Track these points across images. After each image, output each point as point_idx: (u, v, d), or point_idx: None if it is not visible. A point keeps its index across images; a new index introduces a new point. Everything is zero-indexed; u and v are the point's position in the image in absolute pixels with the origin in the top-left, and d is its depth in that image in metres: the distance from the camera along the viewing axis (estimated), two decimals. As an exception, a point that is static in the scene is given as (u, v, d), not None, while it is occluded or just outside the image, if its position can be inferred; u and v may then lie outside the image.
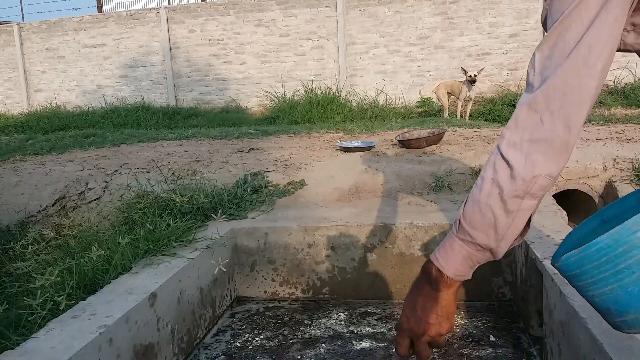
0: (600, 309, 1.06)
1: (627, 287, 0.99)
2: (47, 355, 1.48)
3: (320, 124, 6.21)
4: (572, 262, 1.01)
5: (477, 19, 9.82)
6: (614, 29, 0.80)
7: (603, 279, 1.00)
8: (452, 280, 0.91)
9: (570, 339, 1.69)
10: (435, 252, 0.94)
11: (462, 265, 0.91)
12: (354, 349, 2.25)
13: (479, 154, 3.60)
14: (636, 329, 1.02)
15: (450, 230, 0.93)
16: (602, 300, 1.02)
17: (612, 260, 0.98)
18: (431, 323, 0.93)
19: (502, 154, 0.85)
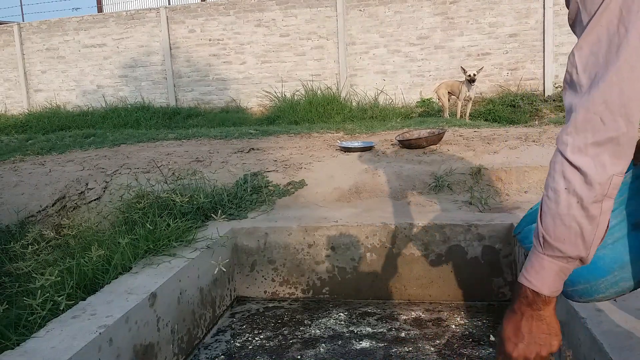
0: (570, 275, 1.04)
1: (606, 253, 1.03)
2: (47, 355, 1.48)
3: (320, 124, 6.21)
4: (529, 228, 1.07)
5: (477, 19, 9.82)
6: None
7: None
8: (549, 298, 0.90)
9: (570, 339, 1.69)
10: (524, 275, 0.92)
11: (556, 280, 0.90)
12: (354, 349, 2.25)
13: (479, 154, 3.60)
14: (585, 297, 1.10)
15: (533, 250, 0.92)
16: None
17: None
18: (541, 344, 0.91)
19: (570, 162, 0.83)
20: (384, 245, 2.72)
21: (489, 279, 2.64)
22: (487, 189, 3.18)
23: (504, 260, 2.62)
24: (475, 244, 2.63)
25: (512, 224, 2.59)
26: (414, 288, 2.72)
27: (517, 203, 2.98)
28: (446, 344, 2.26)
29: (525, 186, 3.20)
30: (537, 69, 9.74)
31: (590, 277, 1.07)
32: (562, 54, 9.64)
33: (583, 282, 1.08)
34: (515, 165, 3.32)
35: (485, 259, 2.63)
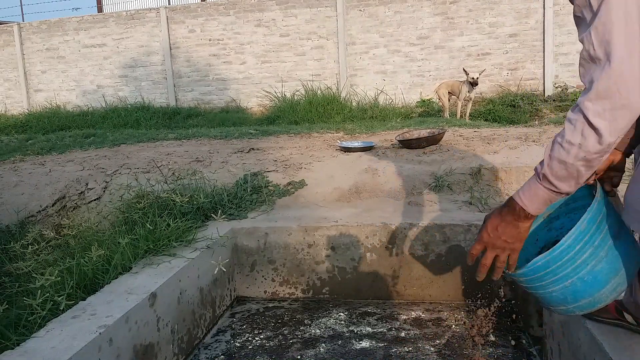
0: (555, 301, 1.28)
1: (583, 278, 1.21)
2: (47, 355, 1.48)
3: (320, 124, 6.21)
4: (538, 266, 1.23)
5: (477, 19, 9.82)
6: None
7: (565, 275, 1.22)
8: (532, 215, 1.17)
9: (570, 339, 1.69)
10: (519, 195, 1.18)
11: (542, 206, 1.15)
12: (354, 349, 2.25)
13: (479, 154, 3.60)
14: (588, 309, 1.26)
15: (533, 177, 1.16)
16: (561, 293, 1.25)
17: (572, 258, 1.20)
18: (508, 241, 1.21)
19: (591, 122, 1.01)
20: (384, 245, 2.72)
21: (489, 279, 2.64)
22: (487, 189, 3.18)
23: (504, 260, 2.62)
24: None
25: (512, 224, 2.59)
26: (414, 288, 2.72)
27: (517, 203, 2.97)
28: (446, 344, 2.26)
29: (525, 186, 3.20)
30: (537, 69, 9.74)
31: (594, 290, 1.22)
32: (562, 54, 9.64)
33: (587, 297, 1.23)
34: (515, 165, 3.32)
35: (485, 259, 2.63)
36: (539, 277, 1.25)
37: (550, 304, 1.32)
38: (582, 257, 1.21)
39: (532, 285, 1.29)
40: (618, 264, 1.22)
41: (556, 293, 1.26)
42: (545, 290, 1.27)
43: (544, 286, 1.26)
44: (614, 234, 1.22)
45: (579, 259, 1.21)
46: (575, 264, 1.21)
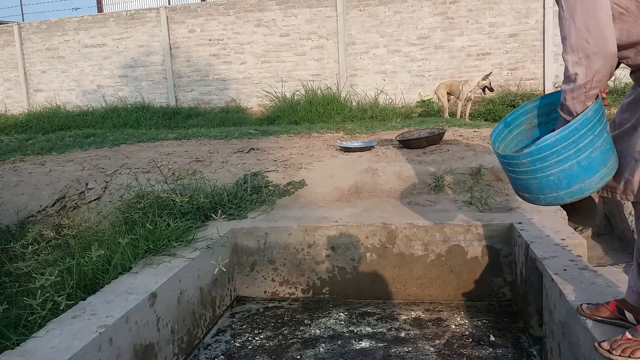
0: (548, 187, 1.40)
1: (581, 162, 1.35)
2: (47, 355, 1.48)
3: (320, 124, 6.20)
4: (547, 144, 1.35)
5: (477, 19, 9.81)
6: None
7: (567, 156, 1.35)
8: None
9: (570, 339, 1.69)
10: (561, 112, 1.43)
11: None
12: (354, 349, 2.25)
13: (479, 154, 3.60)
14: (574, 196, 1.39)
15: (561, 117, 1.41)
16: (557, 177, 1.38)
17: (576, 140, 1.34)
18: None
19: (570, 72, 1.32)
20: (384, 245, 2.71)
21: (489, 279, 2.64)
22: (487, 189, 3.18)
23: (504, 260, 2.62)
24: (475, 244, 2.63)
25: (512, 224, 2.59)
26: (414, 288, 2.72)
27: (517, 203, 2.97)
28: (446, 344, 2.26)
29: (525, 186, 3.20)
30: (537, 69, 9.74)
31: (586, 176, 1.36)
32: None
33: (579, 182, 1.37)
34: (515, 165, 3.31)
35: (485, 259, 2.63)
36: (543, 158, 1.37)
37: (542, 190, 1.42)
38: (584, 141, 1.34)
39: (532, 169, 1.40)
40: (608, 156, 1.37)
41: (553, 177, 1.38)
42: (544, 173, 1.39)
43: (545, 168, 1.38)
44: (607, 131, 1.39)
45: (581, 143, 1.34)
46: (578, 147, 1.34)
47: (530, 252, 2.25)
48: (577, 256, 2.10)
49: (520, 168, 1.42)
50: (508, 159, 1.45)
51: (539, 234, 2.39)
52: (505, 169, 1.52)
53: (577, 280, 1.85)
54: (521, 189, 1.49)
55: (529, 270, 2.27)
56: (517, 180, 1.48)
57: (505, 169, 1.51)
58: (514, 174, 1.47)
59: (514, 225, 2.56)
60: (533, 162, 1.38)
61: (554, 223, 2.55)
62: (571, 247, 2.21)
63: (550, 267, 1.98)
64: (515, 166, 1.44)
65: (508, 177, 1.55)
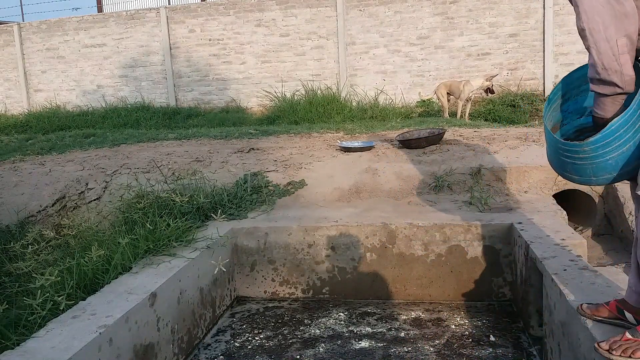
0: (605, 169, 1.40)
1: (637, 142, 1.35)
2: (47, 355, 1.48)
3: (320, 124, 6.20)
4: (611, 131, 1.35)
5: (477, 19, 9.81)
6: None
7: (627, 139, 1.36)
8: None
9: (570, 339, 1.69)
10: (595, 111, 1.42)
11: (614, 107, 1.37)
12: (353, 349, 2.25)
13: (479, 154, 3.60)
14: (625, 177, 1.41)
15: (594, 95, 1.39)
16: (615, 160, 1.39)
17: (634, 122, 1.34)
18: None
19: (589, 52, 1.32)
20: (384, 245, 2.72)
21: (489, 279, 2.64)
22: (487, 189, 3.18)
23: (504, 260, 2.62)
24: (475, 244, 2.63)
25: (512, 224, 2.59)
26: (414, 288, 2.72)
27: (517, 203, 2.97)
28: (446, 344, 2.26)
29: (525, 186, 3.20)
30: (537, 69, 9.74)
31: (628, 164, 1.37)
32: (562, 54, 9.64)
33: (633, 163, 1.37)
34: (515, 165, 3.32)
35: (485, 259, 2.63)
36: (607, 144, 1.37)
37: (595, 174, 1.43)
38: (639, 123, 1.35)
39: (593, 155, 1.40)
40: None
41: (611, 161, 1.40)
42: (604, 158, 1.39)
43: (606, 153, 1.39)
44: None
45: (638, 124, 1.35)
46: (636, 127, 1.35)
47: (530, 252, 2.25)
48: (577, 256, 2.10)
49: (580, 155, 1.43)
50: (569, 147, 1.44)
51: (539, 234, 2.39)
52: (559, 154, 1.50)
53: (577, 280, 1.85)
54: (572, 172, 1.49)
55: (529, 270, 2.27)
56: (571, 165, 1.48)
57: (558, 154, 1.50)
58: (571, 159, 1.46)
59: (514, 225, 2.56)
60: (595, 149, 1.39)
61: (554, 223, 2.55)
62: (571, 247, 2.21)
63: (550, 267, 1.98)
64: (575, 153, 1.44)
65: (557, 161, 1.54)
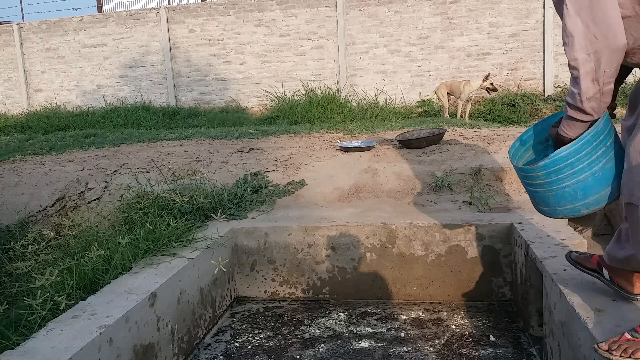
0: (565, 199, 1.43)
1: (595, 173, 1.38)
2: (47, 355, 1.48)
3: (320, 124, 6.20)
4: (560, 157, 1.38)
5: (477, 19, 9.81)
6: None
7: (581, 168, 1.37)
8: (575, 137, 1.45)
9: (570, 339, 1.69)
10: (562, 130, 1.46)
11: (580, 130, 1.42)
12: (353, 349, 2.25)
13: (479, 154, 3.60)
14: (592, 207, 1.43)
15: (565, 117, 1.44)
16: (573, 189, 1.41)
17: (589, 152, 1.36)
18: None
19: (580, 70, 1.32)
20: (384, 245, 2.72)
21: (489, 279, 2.64)
22: (487, 189, 3.18)
23: (504, 260, 2.62)
24: (475, 244, 2.63)
25: (512, 224, 2.59)
26: (414, 288, 2.72)
27: (517, 203, 2.97)
28: (446, 344, 2.26)
29: (525, 186, 3.20)
30: (537, 69, 9.74)
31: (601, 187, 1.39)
32: (562, 53, 9.63)
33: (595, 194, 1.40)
34: (515, 165, 3.31)
35: (485, 259, 2.63)
36: (558, 170, 1.41)
37: (559, 203, 1.46)
38: (596, 153, 1.38)
39: (547, 181, 1.44)
40: (620, 168, 1.38)
41: (568, 189, 1.42)
42: (559, 185, 1.43)
43: (560, 180, 1.42)
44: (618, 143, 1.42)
45: (594, 154, 1.38)
46: (591, 158, 1.38)
47: (530, 252, 2.25)
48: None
49: (536, 181, 1.47)
50: (525, 172, 1.49)
51: (539, 234, 2.39)
52: (523, 182, 1.55)
53: (577, 280, 1.85)
54: (539, 203, 1.53)
55: (529, 270, 2.27)
56: (535, 194, 1.53)
57: (523, 183, 1.55)
58: (532, 187, 1.51)
59: (514, 225, 2.56)
60: (548, 175, 1.42)
61: (554, 223, 2.55)
62: (571, 247, 2.21)
63: (550, 267, 1.98)
64: (532, 179, 1.48)
65: (527, 192, 1.58)
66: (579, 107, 1.37)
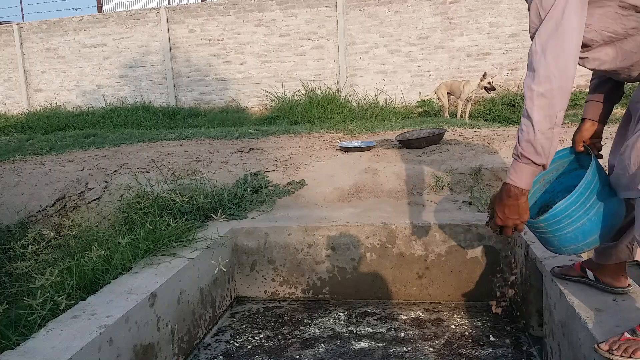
0: (568, 241, 1.59)
1: (591, 218, 1.54)
2: (47, 355, 1.48)
3: (320, 124, 6.20)
4: (559, 210, 1.53)
5: (477, 19, 9.82)
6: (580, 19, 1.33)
7: (578, 217, 1.54)
8: (525, 190, 1.46)
9: (570, 339, 1.69)
10: (509, 177, 1.47)
11: (529, 178, 1.44)
12: (353, 349, 2.25)
13: (479, 154, 3.60)
14: (592, 246, 1.59)
15: (514, 162, 1.45)
16: (574, 233, 1.56)
17: (584, 201, 1.52)
18: (515, 218, 1.50)
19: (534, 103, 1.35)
20: (384, 245, 2.72)
21: (489, 279, 2.64)
22: (487, 189, 3.18)
23: (504, 260, 2.62)
24: (475, 244, 2.63)
25: (512, 224, 2.59)
26: (414, 288, 2.72)
27: (517, 203, 2.97)
28: (446, 344, 2.26)
29: (525, 186, 3.20)
30: (537, 69, 9.74)
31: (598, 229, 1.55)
32: (562, 54, 9.64)
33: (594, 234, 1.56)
34: (515, 165, 3.31)
35: (485, 259, 2.63)
36: (558, 221, 1.55)
37: (563, 245, 1.62)
38: (591, 200, 1.53)
39: (550, 230, 1.59)
40: (614, 207, 1.55)
41: (570, 234, 1.57)
42: (562, 232, 1.58)
43: (561, 228, 1.57)
44: (608, 186, 1.56)
45: (588, 202, 1.52)
46: (586, 206, 1.53)
47: (530, 252, 2.25)
48: (577, 256, 2.10)
49: (540, 229, 1.63)
50: (529, 223, 1.63)
51: (539, 234, 2.39)
52: (529, 227, 1.68)
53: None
54: (546, 244, 1.70)
55: (529, 270, 2.27)
56: (541, 238, 1.69)
57: (529, 228, 1.68)
58: (537, 233, 1.67)
59: (513, 225, 2.56)
60: (550, 225, 1.58)
61: (553, 223, 2.55)
62: (571, 247, 2.21)
63: (550, 267, 1.98)
64: (536, 228, 1.64)
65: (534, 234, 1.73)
66: (531, 141, 1.38)
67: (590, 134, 1.66)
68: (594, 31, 1.39)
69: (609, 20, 1.37)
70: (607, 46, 1.41)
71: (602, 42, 1.40)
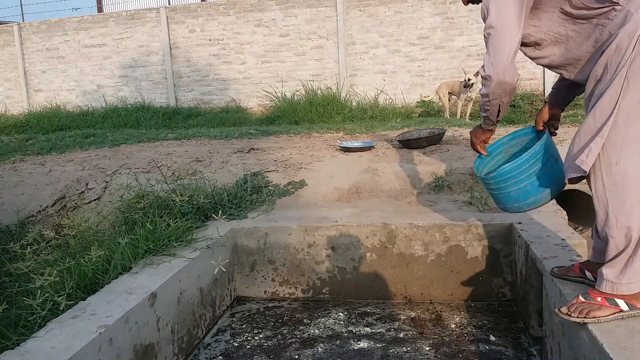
0: (511, 199, 1.90)
1: (532, 182, 1.83)
2: (47, 355, 1.48)
3: (320, 124, 6.20)
4: (505, 171, 1.84)
5: (477, 19, 9.80)
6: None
7: (522, 179, 1.84)
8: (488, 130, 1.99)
9: (570, 338, 1.69)
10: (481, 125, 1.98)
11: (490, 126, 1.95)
12: (352, 349, 2.25)
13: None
14: (532, 206, 1.89)
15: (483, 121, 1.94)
16: (516, 193, 1.87)
17: (528, 167, 1.82)
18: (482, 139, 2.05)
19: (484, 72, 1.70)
20: (384, 245, 2.72)
21: (489, 279, 2.64)
22: (487, 189, 3.18)
23: (504, 260, 2.62)
24: (475, 244, 2.63)
25: (512, 224, 2.59)
26: (414, 288, 2.72)
27: (517, 203, 2.97)
28: (446, 344, 2.26)
29: (525, 186, 3.20)
30: (537, 68, 9.73)
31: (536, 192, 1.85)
32: (562, 54, 9.64)
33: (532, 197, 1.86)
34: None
35: (485, 259, 2.63)
36: (504, 179, 1.86)
37: (507, 202, 1.93)
38: (533, 168, 1.82)
39: (498, 187, 1.91)
40: (555, 177, 1.83)
41: (513, 193, 1.88)
42: (507, 190, 1.89)
43: (507, 187, 1.88)
44: (554, 159, 1.84)
45: (531, 169, 1.82)
46: (529, 172, 1.83)
47: (530, 252, 2.25)
48: (577, 256, 2.10)
49: (490, 186, 1.95)
50: (482, 179, 1.99)
51: (539, 234, 2.39)
52: (483, 184, 2.03)
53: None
54: (495, 201, 2.02)
55: (529, 270, 2.27)
56: (492, 194, 2.03)
57: (483, 184, 2.03)
58: (489, 190, 2.00)
59: (514, 225, 2.56)
60: (497, 182, 1.89)
61: (554, 223, 2.55)
62: (571, 247, 2.21)
63: (550, 267, 1.98)
64: (488, 185, 1.96)
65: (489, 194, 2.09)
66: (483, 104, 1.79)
67: (547, 115, 1.94)
68: (542, 31, 1.63)
69: (554, 24, 1.60)
70: (554, 45, 1.63)
71: (550, 41, 1.63)
